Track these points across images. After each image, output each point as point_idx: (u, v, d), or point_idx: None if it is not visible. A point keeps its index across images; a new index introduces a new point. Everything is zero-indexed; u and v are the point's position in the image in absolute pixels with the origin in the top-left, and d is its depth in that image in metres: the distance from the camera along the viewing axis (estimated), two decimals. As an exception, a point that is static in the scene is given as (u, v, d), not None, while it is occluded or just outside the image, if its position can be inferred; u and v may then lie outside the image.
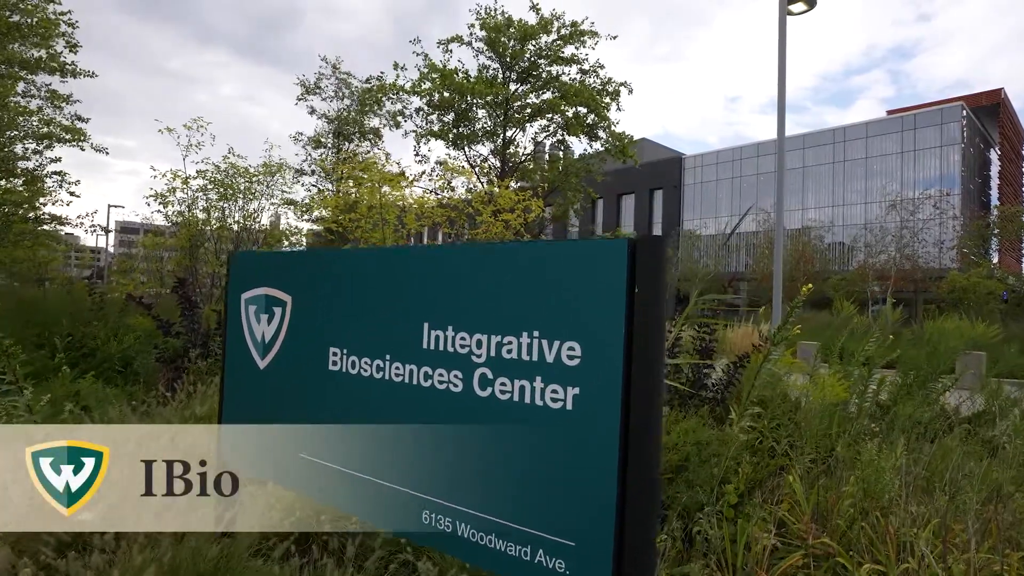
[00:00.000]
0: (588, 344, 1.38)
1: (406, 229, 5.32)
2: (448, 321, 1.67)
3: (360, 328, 1.94)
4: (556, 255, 1.45)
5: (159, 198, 6.99)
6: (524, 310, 1.50)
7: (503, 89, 14.46)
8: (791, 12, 9.38)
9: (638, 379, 1.30)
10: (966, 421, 5.08)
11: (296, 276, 2.21)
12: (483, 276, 1.61)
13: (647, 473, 1.30)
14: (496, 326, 1.56)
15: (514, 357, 1.51)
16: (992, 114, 38.59)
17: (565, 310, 1.42)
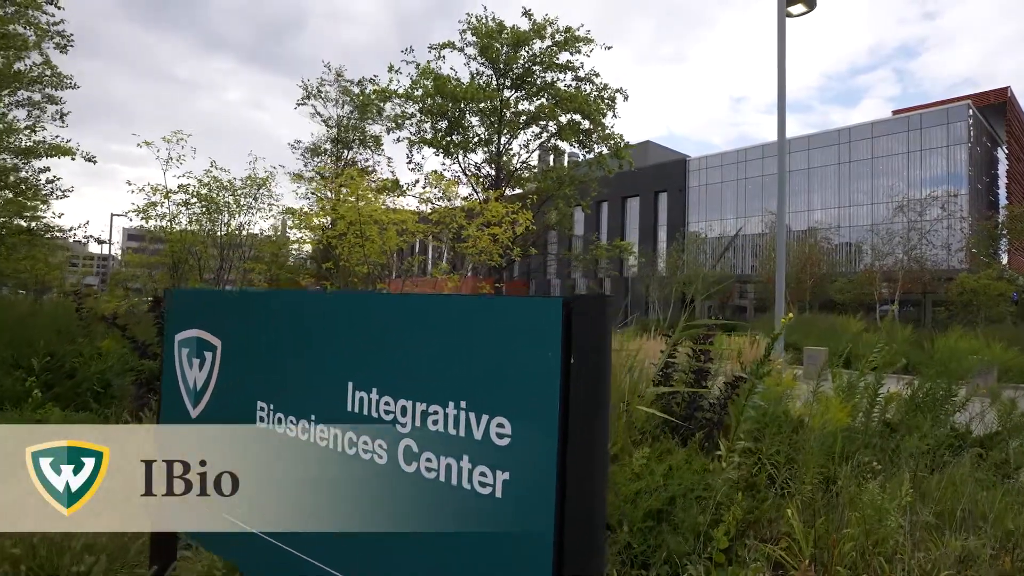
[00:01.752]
0: (519, 422, 1.16)
1: (387, 245, 5.13)
2: (373, 382, 1.46)
3: (287, 382, 1.73)
4: (484, 313, 1.24)
5: (140, 212, 6.82)
6: (451, 376, 1.29)
7: (496, 95, 14.24)
8: (790, 14, 9.14)
9: (575, 467, 1.08)
10: (977, 443, 4.80)
11: (226, 319, 2.00)
12: (409, 332, 1.40)
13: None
14: (422, 392, 1.34)
15: (440, 430, 1.29)
16: (999, 113, 38.09)
17: (494, 380, 1.21)
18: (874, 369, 5.35)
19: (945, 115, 34.00)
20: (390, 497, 1.40)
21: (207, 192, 6.98)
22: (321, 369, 1.61)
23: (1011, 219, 27.40)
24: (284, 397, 1.73)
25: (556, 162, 16.15)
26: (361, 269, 5.38)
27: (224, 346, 1.97)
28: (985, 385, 6.10)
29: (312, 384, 1.64)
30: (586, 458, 1.08)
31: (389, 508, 1.41)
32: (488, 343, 1.22)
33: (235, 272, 7.86)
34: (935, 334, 20.44)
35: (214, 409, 2.01)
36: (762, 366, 2.94)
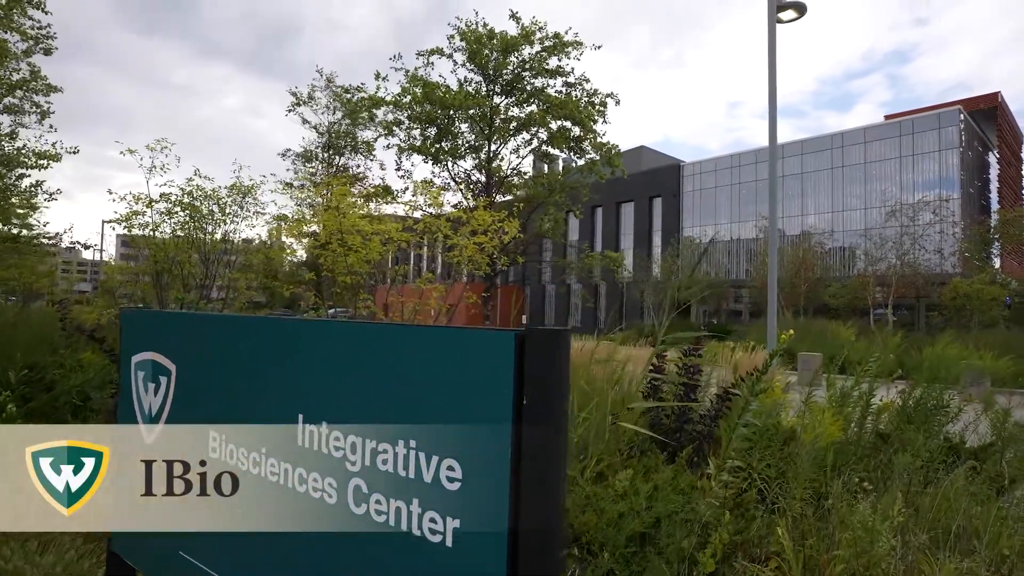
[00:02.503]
0: (469, 466, 1.06)
1: (371, 255, 5.03)
2: (323, 415, 1.36)
3: (239, 411, 1.62)
4: (433, 345, 1.14)
5: (124, 221, 6.70)
6: (400, 412, 1.19)
7: (485, 101, 14.14)
8: (780, 20, 9.11)
9: (527, 518, 0.98)
10: (972, 455, 4.73)
11: (181, 341, 1.90)
12: (358, 362, 1.30)
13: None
14: (371, 428, 1.24)
15: (390, 470, 1.19)
16: (990, 117, 38.34)
17: (444, 418, 1.11)
18: (868, 379, 5.29)
19: (937, 120, 34.17)
20: (340, 540, 1.30)
21: (190, 201, 6.88)
22: (272, 399, 1.52)
23: (1003, 223, 27.50)
24: (237, 428, 1.63)
25: (548, 169, 16.05)
26: (344, 279, 5.28)
27: (179, 370, 1.87)
28: (978, 394, 6.04)
29: (264, 415, 1.54)
30: (539, 508, 0.98)
31: (339, 552, 1.31)
32: (437, 378, 1.12)
33: (223, 279, 7.74)
34: (926, 341, 20.47)
35: (169, 436, 1.90)
36: (758, 383, 2.84)
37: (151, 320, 2.08)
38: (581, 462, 3.86)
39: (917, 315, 31.12)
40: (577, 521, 2.82)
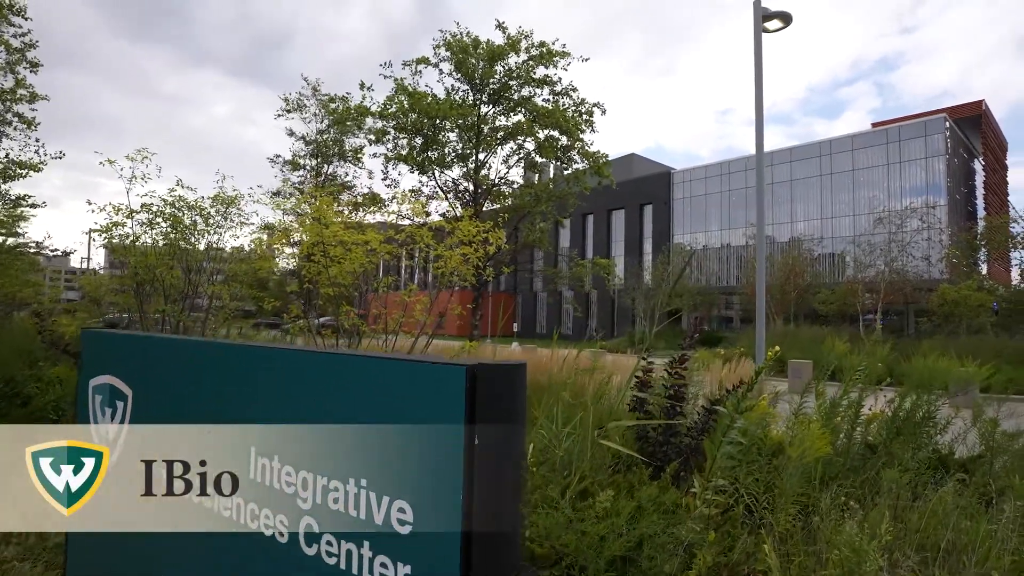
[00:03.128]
0: (420, 508, 0.99)
1: (353, 266, 4.95)
2: (274, 448, 1.29)
3: (190, 444, 1.54)
4: (384, 377, 1.07)
5: (104, 232, 6.58)
6: (351, 449, 1.12)
7: (472, 111, 14.08)
8: (767, 29, 9.15)
9: (481, 566, 0.91)
10: (960, 467, 4.69)
11: (137, 365, 1.82)
12: (309, 393, 1.23)
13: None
14: (323, 465, 1.17)
15: (341, 510, 1.12)
16: (974, 125, 38.80)
17: (395, 457, 1.04)
18: (857, 388, 5.25)
19: (923, 128, 34.54)
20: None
21: (172, 211, 6.77)
22: (225, 429, 1.44)
23: (989, 230, 27.75)
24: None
25: (537, 178, 15.98)
26: (327, 291, 5.20)
27: (135, 396, 1.79)
28: (966, 403, 6.02)
29: (219, 444, 1.46)
30: (492, 554, 0.91)
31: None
32: (387, 413, 1.05)
33: (207, 291, 7.62)
34: (915, 348, 20.54)
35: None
36: (743, 400, 2.78)
37: (111, 342, 2.00)
38: (565, 478, 3.79)
39: (906, 321, 31.31)
40: (558, 542, 2.74)
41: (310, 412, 1.21)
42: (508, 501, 0.93)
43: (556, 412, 4.45)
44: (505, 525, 0.92)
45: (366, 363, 1.11)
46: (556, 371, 6.27)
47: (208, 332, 7.45)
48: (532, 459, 4.04)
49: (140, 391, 1.78)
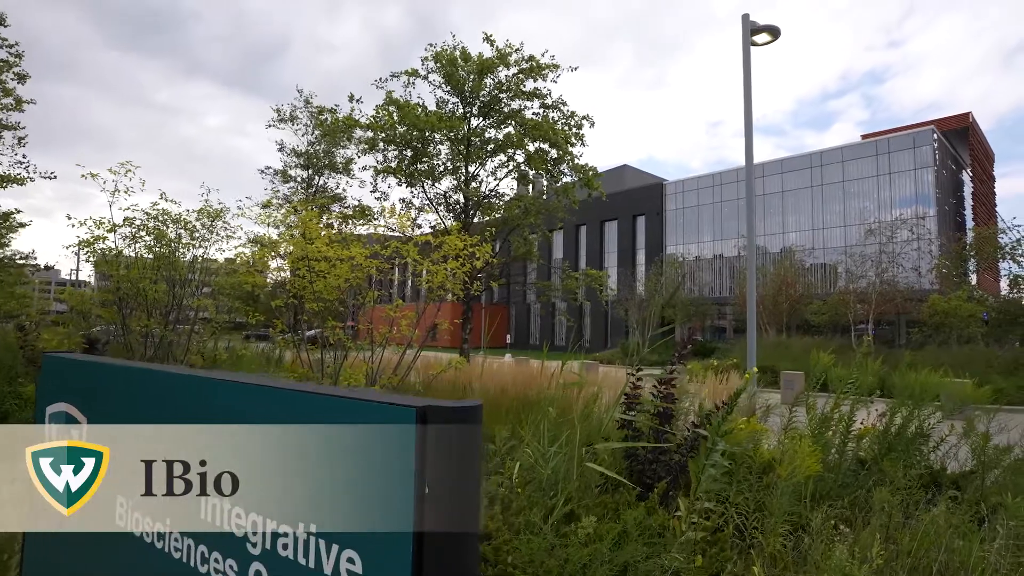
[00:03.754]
0: (369, 559, 0.92)
1: (338, 282, 4.88)
2: (231, 486, 1.21)
3: (144, 476, 1.46)
4: (332, 415, 1.00)
5: (85, 246, 6.48)
6: (300, 491, 1.05)
7: (461, 123, 14.07)
8: (755, 43, 9.21)
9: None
10: (952, 483, 4.64)
11: (92, 393, 1.74)
12: (258, 429, 1.15)
13: None
14: (272, 507, 1.10)
15: (290, 557, 1.05)
16: (962, 137, 39.27)
17: (343, 502, 0.97)
18: (848, 401, 5.21)
19: (911, 139, 34.91)
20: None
21: (156, 225, 6.68)
22: (176, 464, 1.36)
23: (978, 240, 27.98)
24: (145, 493, 1.46)
25: (524, 191, 15.96)
26: (312, 306, 5.12)
27: (90, 425, 1.71)
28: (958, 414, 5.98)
29: (175, 479, 1.38)
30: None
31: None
32: (337, 455, 0.99)
33: (193, 305, 7.51)
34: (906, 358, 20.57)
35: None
36: (723, 422, 2.72)
37: (67, 368, 1.91)
38: (551, 499, 3.70)
39: (898, 331, 31.44)
40: (541, 569, 2.66)
41: (260, 450, 1.14)
42: (463, 555, 0.86)
43: (543, 429, 4.37)
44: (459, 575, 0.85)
45: (314, 399, 1.04)
46: (544, 385, 6.19)
47: (193, 346, 7.34)
48: (518, 479, 3.95)
49: (95, 420, 1.70)
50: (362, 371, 5.10)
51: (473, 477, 0.87)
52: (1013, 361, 19.43)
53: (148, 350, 6.70)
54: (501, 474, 4.61)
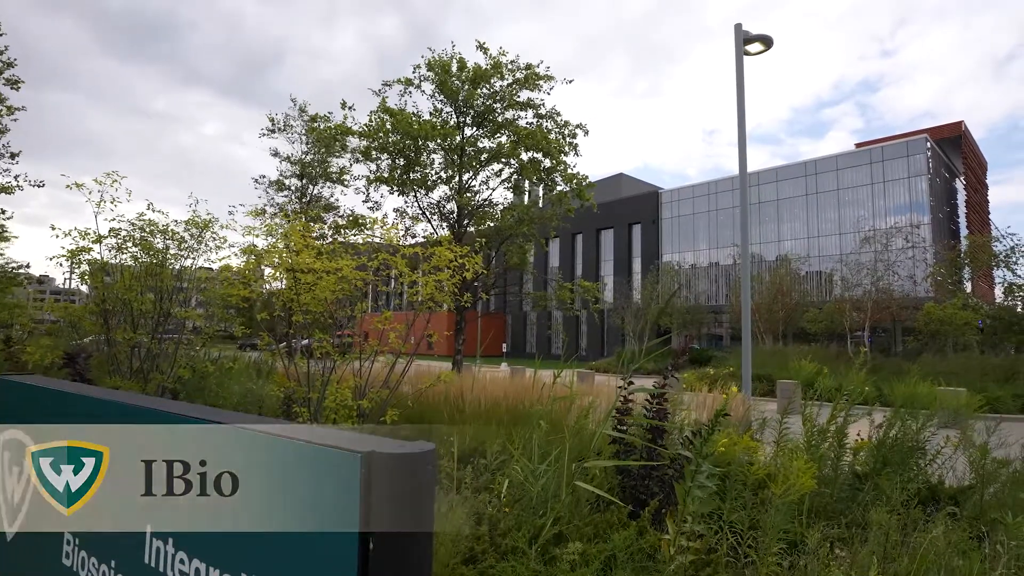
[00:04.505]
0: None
1: (324, 294, 4.79)
2: (170, 527, 1.12)
3: (89, 513, 1.37)
4: (276, 461, 0.91)
5: (71, 257, 6.37)
6: (244, 540, 0.96)
7: (455, 132, 14.02)
8: (748, 52, 9.20)
9: None
10: (951, 498, 4.55)
11: (39, 418, 1.64)
12: (204, 468, 1.06)
13: None
14: (217, 555, 1.00)
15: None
16: (955, 145, 39.50)
17: (288, 554, 0.88)
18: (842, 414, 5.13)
19: (905, 148, 35.08)
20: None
21: (142, 236, 6.58)
22: (124, 503, 1.27)
23: (972, 248, 28.05)
24: (88, 533, 1.37)
25: (519, 200, 15.90)
26: (298, 318, 5.02)
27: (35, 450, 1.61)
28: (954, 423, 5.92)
29: (114, 521, 1.29)
30: None
31: None
32: (277, 501, 0.90)
33: (181, 314, 7.39)
34: (901, 367, 20.56)
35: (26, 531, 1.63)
36: (705, 444, 2.64)
37: (17, 392, 1.82)
38: (540, 518, 3.60)
39: (894, 338, 31.44)
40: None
41: (203, 491, 1.05)
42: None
43: (533, 444, 4.28)
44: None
45: (254, 439, 0.95)
46: (537, 398, 6.09)
47: (181, 358, 7.21)
48: (506, 497, 3.85)
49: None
50: (350, 385, 5.00)
51: (424, 529, 0.78)
52: (1009, 369, 19.41)
53: (134, 363, 6.57)
54: (491, 490, 4.51)
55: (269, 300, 5.59)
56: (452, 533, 3.30)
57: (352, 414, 5.04)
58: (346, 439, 0.86)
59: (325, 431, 0.92)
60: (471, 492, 4.31)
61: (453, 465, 4.70)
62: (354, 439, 0.85)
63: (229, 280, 5.32)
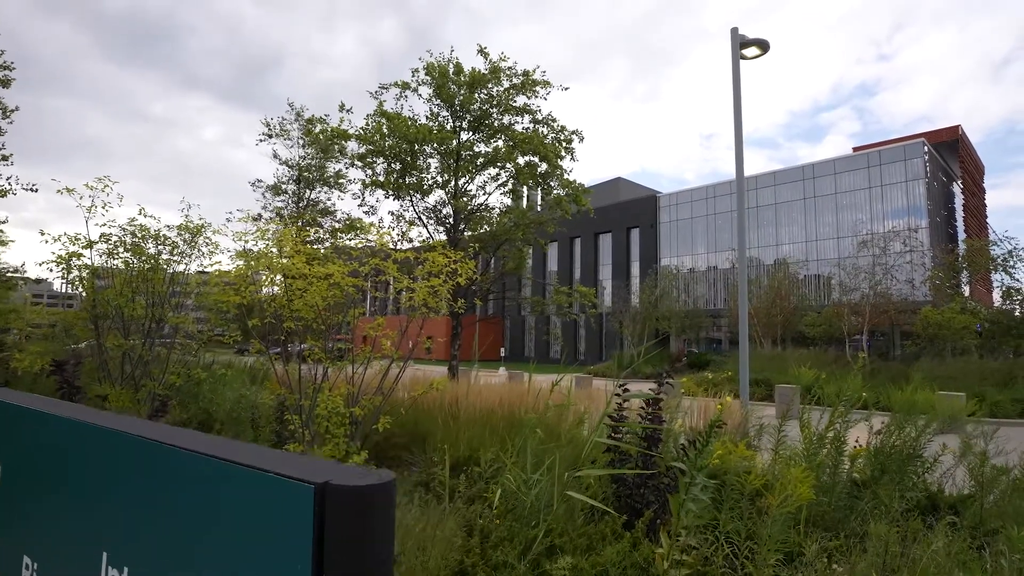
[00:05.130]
0: (263, 668, 0.77)
1: (315, 300, 4.72)
2: (125, 559, 1.05)
3: (50, 537, 1.30)
4: (229, 491, 0.85)
5: (60, 262, 6.30)
6: (197, 571, 0.89)
7: (452, 136, 13.98)
8: (744, 57, 9.17)
9: None
10: (950, 507, 4.49)
11: (7, 439, 1.57)
12: (159, 496, 1.00)
13: None
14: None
15: (183, 651, 0.89)
16: (952, 149, 39.56)
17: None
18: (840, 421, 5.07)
19: (902, 152, 35.13)
20: None
21: (134, 241, 6.51)
22: (81, 527, 1.20)
23: (970, 252, 28.05)
24: (48, 556, 1.31)
25: (515, 204, 15.86)
26: (289, 325, 4.96)
27: (3, 475, 1.54)
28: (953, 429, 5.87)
29: (69, 547, 1.22)
30: None
31: None
32: (220, 539, 0.83)
33: (174, 320, 7.32)
34: (899, 372, 20.52)
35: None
36: (700, 456, 2.58)
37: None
38: (533, 528, 3.54)
39: (892, 342, 31.40)
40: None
41: (157, 522, 0.99)
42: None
43: (527, 453, 4.21)
44: None
45: (192, 460, 0.89)
46: (532, 403, 6.03)
47: (172, 365, 7.14)
48: (498, 507, 3.78)
49: (6, 469, 1.53)
50: (341, 392, 4.93)
51: (384, 570, 0.72)
52: (1007, 373, 19.37)
53: (126, 369, 6.49)
54: (485, 499, 4.44)
55: (260, 306, 5.52)
56: (443, 544, 3.24)
57: (345, 421, 4.97)
58: (299, 466, 0.80)
59: (278, 456, 0.86)
60: (463, 502, 4.24)
61: (446, 473, 4.63)
62: (308, 466, 0.79)
63: (220, 286, 5.25)
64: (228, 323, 8.07)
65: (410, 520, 3.46)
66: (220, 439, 0.95)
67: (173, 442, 0.94)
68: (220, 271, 5.64)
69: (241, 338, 7.19)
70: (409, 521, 3.47)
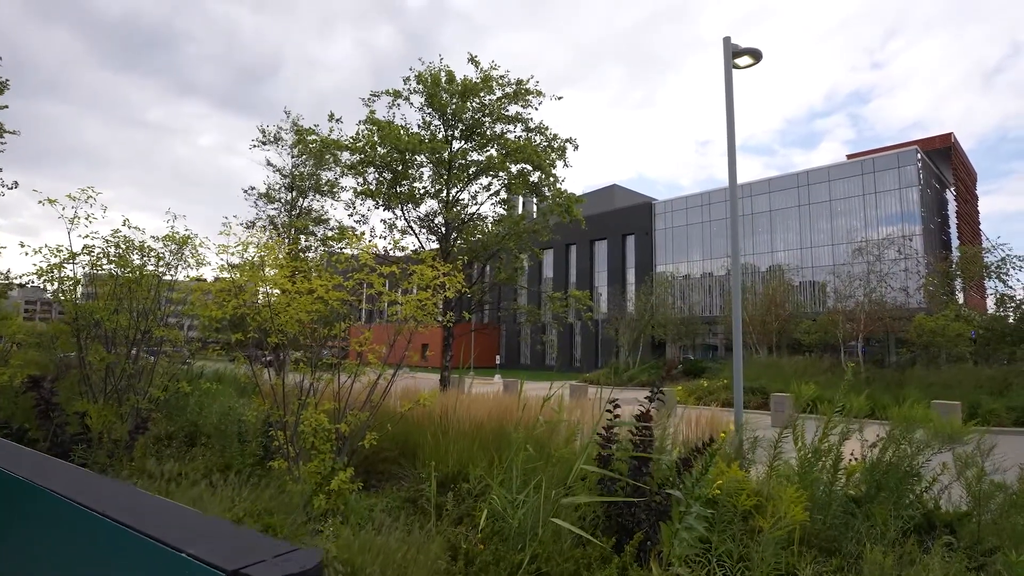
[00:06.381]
0: None
1: (299, 314, 4.63)
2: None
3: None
4: (136, 559, 0.76)
5: (44, 274, 6.19)
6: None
7: (444, 146, 13.90)
8: (737, 66, 9.15)
9: None
10: (947, 525, 4.41)
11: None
12: (76, 558, 0.91)
13: None
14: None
15: None
16: (945, 157, 39.79)
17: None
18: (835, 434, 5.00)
19: (896, 159, 35.30)
20: None
21: (118, 253, 6.40)
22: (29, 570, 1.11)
23: (964, 260, 28.11)
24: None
25: (508, 214, 15.80)
26: (273, 339, 4.86)
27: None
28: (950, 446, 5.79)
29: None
30: None
31: None
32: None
33: (159, 333, 7.20)
34: (894, 379, 20.48)
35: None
36: (698, 484, 2.49)
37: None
38: (520, 552, 3.44)
39: (887, 349, 31.42)
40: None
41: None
42: None
43: (514, 472, 4.11)
44: None
45: (121, 535, 0.80)
46: (522, 417, 5.92)
47: (157, 379, 7.01)
48: (484, 530, 3.68)
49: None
50: (326, 408, 4.83)
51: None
52: (1002, 380, 19.35)
53: (109, 383, 6.36)
54: (472, 518, 4.33)
55: (243, 320, 5.42)
56: (425, 571, 3.13)
57: (331, 437, 4.87)
58: (218, 539, 0.71)
59: (201, 521, 0.77)
60: (450, 522, 4.14)
61: (432, 491, 4.53)
62: (228, 540, 0.70)
63: (203, 301, 5.15)
64: (217, 333, 7.95)
65: (393, 543, 3.36)
66: (127, 487, 0.86)
67: (63, 492, 0.84)
68: (200, 284, 5.54)
69: (225, 351, 7.09)
70: (392, 544, 3.37)
